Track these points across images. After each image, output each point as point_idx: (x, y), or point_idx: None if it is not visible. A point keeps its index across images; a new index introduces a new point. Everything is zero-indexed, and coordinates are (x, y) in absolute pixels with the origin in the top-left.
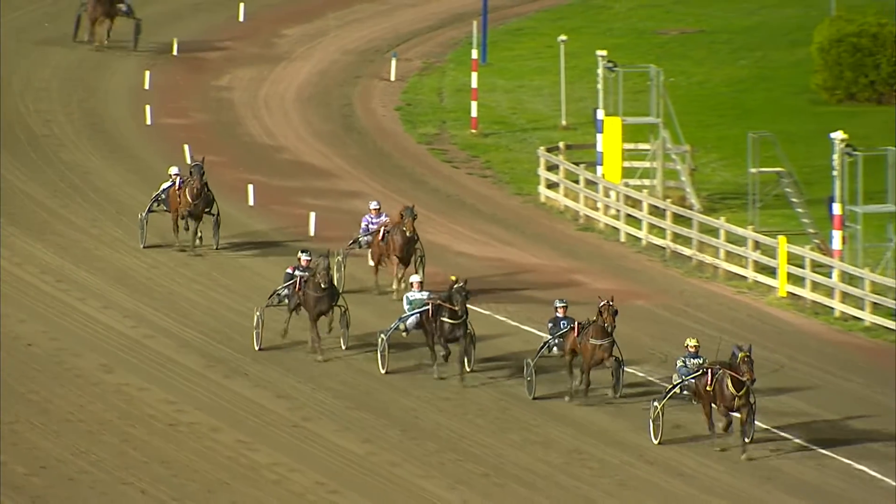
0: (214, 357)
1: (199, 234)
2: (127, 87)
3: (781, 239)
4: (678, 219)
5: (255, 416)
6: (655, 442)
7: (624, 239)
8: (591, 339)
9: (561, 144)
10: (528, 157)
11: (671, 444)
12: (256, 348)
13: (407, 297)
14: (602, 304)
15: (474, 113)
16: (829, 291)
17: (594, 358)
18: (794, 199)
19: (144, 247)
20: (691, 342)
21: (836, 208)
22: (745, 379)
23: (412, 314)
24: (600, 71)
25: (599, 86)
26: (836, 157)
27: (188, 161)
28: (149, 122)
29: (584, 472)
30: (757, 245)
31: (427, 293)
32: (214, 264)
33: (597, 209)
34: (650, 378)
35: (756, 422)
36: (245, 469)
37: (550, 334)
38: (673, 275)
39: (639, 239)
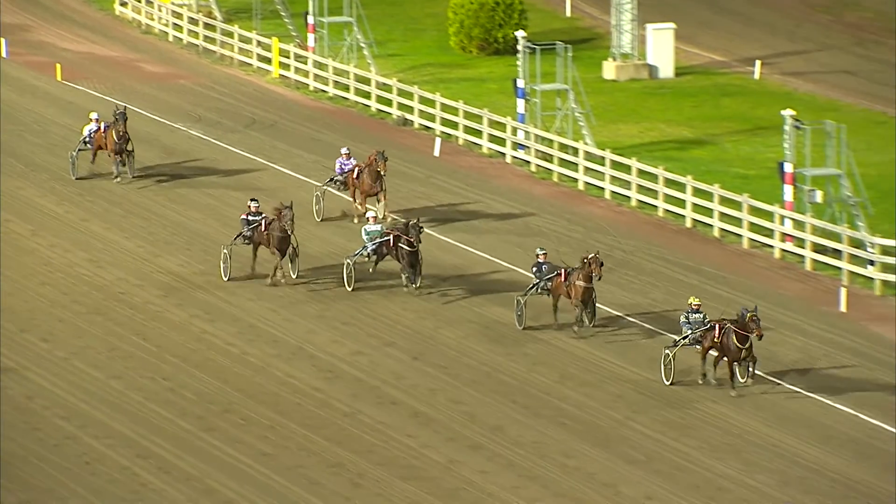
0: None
1: (117, 166)
2: None
3: (275, 39)
4: (207, 26)
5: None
6: (667, 383)
7: (171, 39)
8: (579, 282)
9: None
10: None
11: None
12: (225, 279)
13: (365, 229)
14: (591, 256)
15: None
16: (306, 73)
17: (583, 297)
18: (283, 13)
19: (76, 178)
20: (694, 301)
21: (311, 19)
22: (754, 335)
23: (375, 243)
24: None
25: None
26: None
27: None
28: None
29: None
30: (259, 43)
31: (380, 225)
32: None
33: (153, 20)
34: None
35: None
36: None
37: (537, 278)
38: (204, 63)
39: (181, 39)
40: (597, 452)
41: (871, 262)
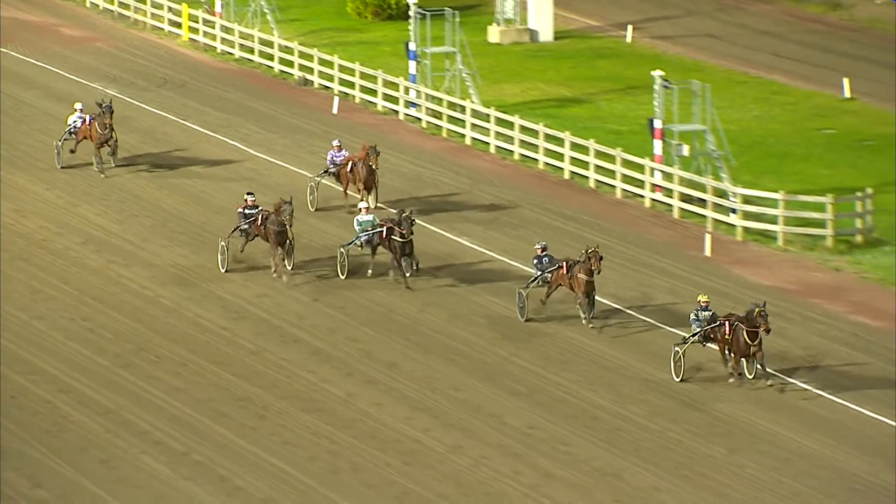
0: None
1: (100, 158)
2: None
3: (185, 5)
4: None
5: None
6: (677, 380)
7: (88, 5)
8: (580, 275)
9: None
10: None
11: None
12: (223, 271)
13: (357, 220)
14: (591, 250)
15: None
16: (214, 37)
17: (584, 290)
18: None
19: (61, 167)
20: (702, 298)
21: None
22: (762, 330)
23: (368, 233)
24: None
25: None
26: None
27: None
28: None
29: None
30: (170, 9)
31: (372, 216)
32: None
33: None
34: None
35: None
36: None
37: (538, 270)
38: (119, 28)
39: (97, 5)
40: (483, 386)
41: (734, 211)
